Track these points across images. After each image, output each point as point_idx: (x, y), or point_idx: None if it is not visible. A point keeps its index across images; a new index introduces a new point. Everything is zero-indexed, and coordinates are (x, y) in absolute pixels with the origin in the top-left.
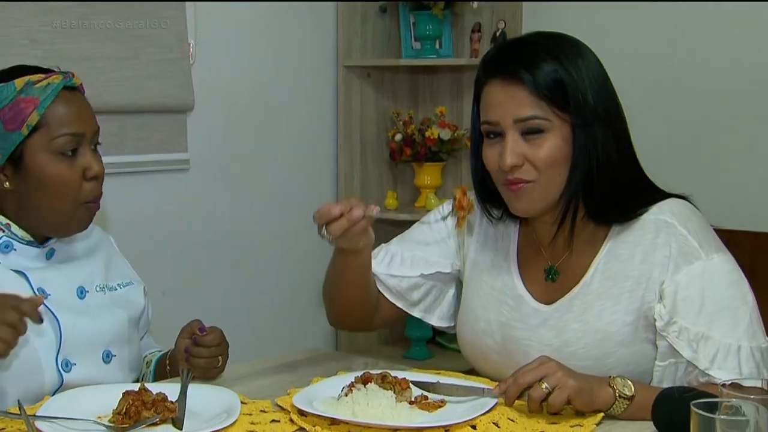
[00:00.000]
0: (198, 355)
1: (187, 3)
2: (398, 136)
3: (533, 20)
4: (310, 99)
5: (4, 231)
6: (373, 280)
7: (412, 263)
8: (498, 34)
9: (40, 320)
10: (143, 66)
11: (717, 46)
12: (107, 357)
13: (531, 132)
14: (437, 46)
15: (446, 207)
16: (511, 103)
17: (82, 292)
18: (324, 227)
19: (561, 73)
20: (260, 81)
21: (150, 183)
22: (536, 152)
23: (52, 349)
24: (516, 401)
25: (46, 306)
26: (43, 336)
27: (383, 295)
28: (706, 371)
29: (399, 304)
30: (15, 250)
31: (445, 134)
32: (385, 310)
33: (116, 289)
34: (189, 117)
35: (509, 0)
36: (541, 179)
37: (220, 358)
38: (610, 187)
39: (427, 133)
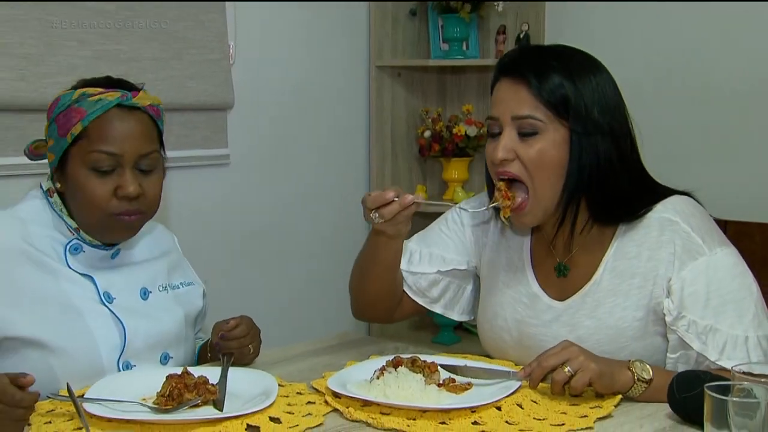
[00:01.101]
0: (228, 348)
1: (227, 6)
2: (427, 133)
3: (556, 23)
4: (343, 97)
5: (74, 234)
6: (400, 272)
7: (430, 260)
8: (522, 36)
9: (35, 400)
10: (185, 66)
11: (731, 46)
12: (164, 359)
13: (526, 132)
14: (464, 47)
15: (463, 205)
16: (513, 100)
17: (145, 293)
18: (375, 211)
19: (567, 88)
20: (297, 80)
21: (193, 177)
22: (527, 151)
23: (115, 352)
24: (539, 384)
25: (112, 311)
26: (109, 340)
27: (404, 292)
28: (716, 362)
29: (420, 301)
30: (84, 251)
31: (472, 131)
32: (406, 306)
33: (178, 288)
34: (229, 114)
35: (533, 0)
36: (535, 186)
37: (250, 346)
38: (609, 192)
39: (455, 130)
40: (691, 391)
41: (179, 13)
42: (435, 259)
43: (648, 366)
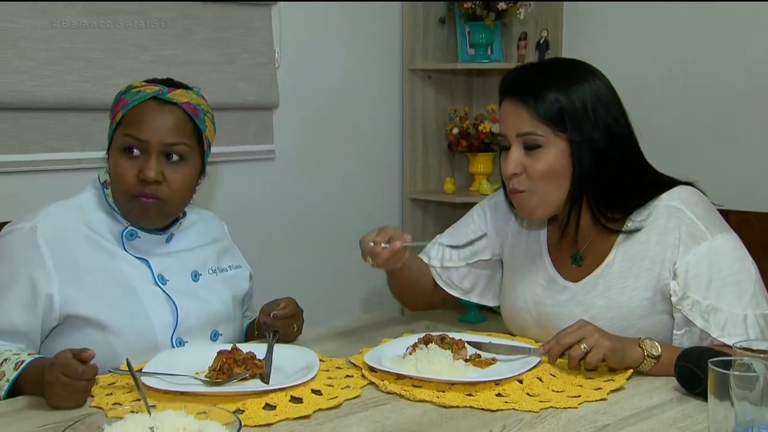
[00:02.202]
0: (274, 326)
1: (273, 15)
2: (455, 130)
3: (572, 29)
4: (378, 98)
5: (128, 222)
6: (425, 274)
7: (459, 255)
8: (542, 41)
9: (95, 372)
10: (236, 69)
11: (737, 47)
12: (214, 336)
13: (531, 146)
14: (489, 52)
15: (486, 202)
16: (516, 119)
17: (196, 276)
18: (368, 256)
19: (561, 101)
20: (336, 82)
21: (241, 170)
22: (534, 165)
23: (169, 329)
24: (558, 359)
25: (165, 292)
26: (163, 319)
27: (439, 286)
28: (718, 339)
29: (455, 294)
30: (139, 237)
31: (496, 128)
32: (446, 296)
33: (227, 270)
34: (275, 113)
35: (552, 0)
36: (536, 190)
37: (294, 325)
38: (612, 186)
39: (481, 127)
40: (691, 391)
41: (231, 21)
42: (463, 254)
43: (657, 343)
